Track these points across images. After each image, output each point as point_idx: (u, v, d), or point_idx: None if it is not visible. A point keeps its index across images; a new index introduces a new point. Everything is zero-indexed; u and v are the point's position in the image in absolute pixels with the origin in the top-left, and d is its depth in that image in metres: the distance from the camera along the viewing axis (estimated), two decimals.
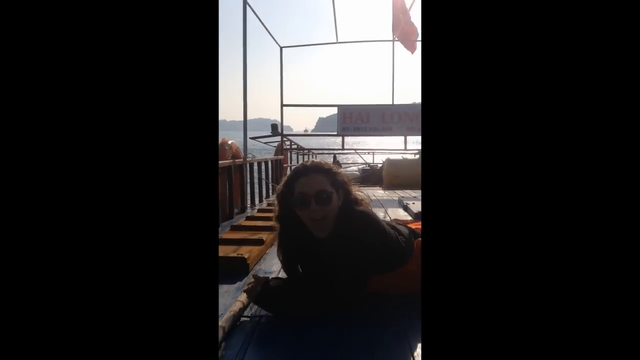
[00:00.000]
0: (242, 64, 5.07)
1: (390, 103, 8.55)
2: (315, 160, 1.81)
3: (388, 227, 1.67)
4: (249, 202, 5.18)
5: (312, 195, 1.57)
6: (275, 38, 7.78)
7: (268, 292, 1.56)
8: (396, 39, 8.41)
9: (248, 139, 5.43)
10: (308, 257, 1.69)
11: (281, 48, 8.33)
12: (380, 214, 4.14)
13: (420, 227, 1.85)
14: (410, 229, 1.82)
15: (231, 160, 4.76)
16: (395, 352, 1.27)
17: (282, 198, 1.68)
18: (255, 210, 4.51)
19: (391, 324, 1.46)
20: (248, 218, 3.65)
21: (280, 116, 8.55)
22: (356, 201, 1.68)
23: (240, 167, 5.10)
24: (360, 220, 1.57)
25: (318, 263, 1.64)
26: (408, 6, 7.10)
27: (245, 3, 5.09)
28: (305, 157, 10.31)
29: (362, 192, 1.75)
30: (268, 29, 6.62)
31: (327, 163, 1.76)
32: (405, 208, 4.35)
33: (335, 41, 8.46)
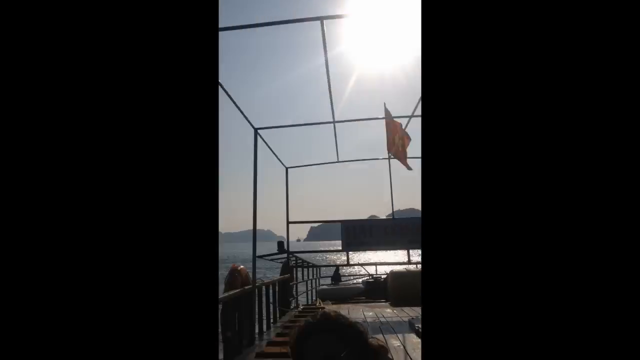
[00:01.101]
0: (252, 185, 5.25)
1: (390, 216, 8.70)
2: (324, 311, 1.78)
3: None
4: (257, 329, 4.93)
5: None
6: (282, 160, 8.23)
7: None
8: (391, 156, 8.85)
9: (256, 257, 5.40)
10: None
11: (287, 169, 8.76)
12: (395, 342, 4.02)
13: None
14: None
15: (241, 289, 4.65)
16: None
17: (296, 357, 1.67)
18: (273, 334, 4.27)
19: None
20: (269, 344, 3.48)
21: (286, 234, 8.70)
22: (374, 354, 1.66)
23: (250, 295, 4.94)
24: None
25: None
26: (404, 124, 7.60)
27: (256, 134, 5.50)
28: (313, 271, 10.28)
29: (379, 340, 1.74)
30: (276, 153, 7.06)
31: (336, 315, 1.72)
32: (418, 333, 4.24)
33: (336, 160, 8.90)
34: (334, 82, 4.76)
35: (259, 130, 5.57)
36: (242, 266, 5.09)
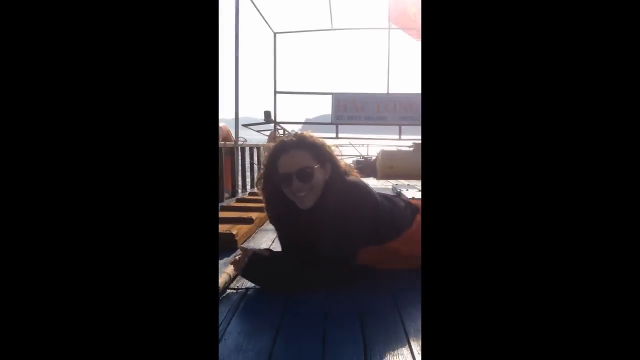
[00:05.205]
0: (233, 48, 5.00)
1: (385, 92, 8.47)
2: (298, 133, 1.75)
3: (381, 199, 1.61)
4: (239, 186, 5.13)
5: (294, 173, 1.52)
6: (270, 24, 7.69)
7: (254, 264, 1.50)
8: (392, 26, 8.33)
9: (240, 126, 5.34)
10: (293, 230, 1.64)
11: (275, 34, 8.22)
12: None
13: (418, 203, 1.80)
14: (407, 202, 1.77)
15: (222, 142, 4.68)
16: (387, 320, 1.23)
17: (266, 175, 1.64)
18: (247, 194, 4.46)
19: (380, 294, 1.42)
20: (238, 200, 3.62)
21: (273, 104, 8.46)
22: (345, 172, 1.63)
23: (231, 150, 5.01)
24: (349, 191, 1.52)
25: (303, 236, 1.60)
26: None
27: None
28: None
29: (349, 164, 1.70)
30: (262, 14, 6.56)
31: (310, 136, 1.66)
32: (399, 194, 4.32)
33: (330, 28, 8.37)
34: None
35: None
36: (223, 124, 5.04)
